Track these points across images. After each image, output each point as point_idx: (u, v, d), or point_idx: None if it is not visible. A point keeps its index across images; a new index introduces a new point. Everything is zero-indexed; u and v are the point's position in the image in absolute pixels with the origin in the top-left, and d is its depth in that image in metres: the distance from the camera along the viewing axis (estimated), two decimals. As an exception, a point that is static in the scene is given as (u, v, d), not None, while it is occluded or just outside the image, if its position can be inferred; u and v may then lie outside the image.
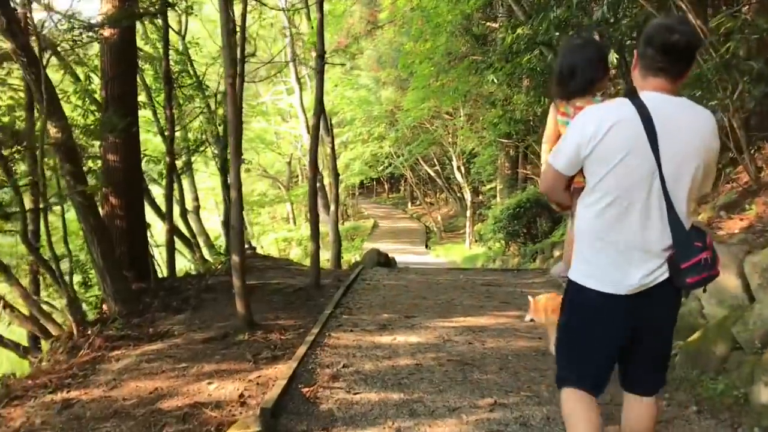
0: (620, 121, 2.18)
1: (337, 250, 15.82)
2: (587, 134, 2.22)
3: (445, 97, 14.90)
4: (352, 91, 22.43)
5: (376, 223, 38.26)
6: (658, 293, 2.30)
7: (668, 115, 2.19)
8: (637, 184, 2.21)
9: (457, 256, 24.30)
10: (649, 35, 2.23)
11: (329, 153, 16.43)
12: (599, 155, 2.22)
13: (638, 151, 2.17)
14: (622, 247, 2.27)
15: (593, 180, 2.29)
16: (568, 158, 2.32)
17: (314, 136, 7.91)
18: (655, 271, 2.26)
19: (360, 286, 8.15)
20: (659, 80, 2.23)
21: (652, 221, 2.23)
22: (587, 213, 2.35)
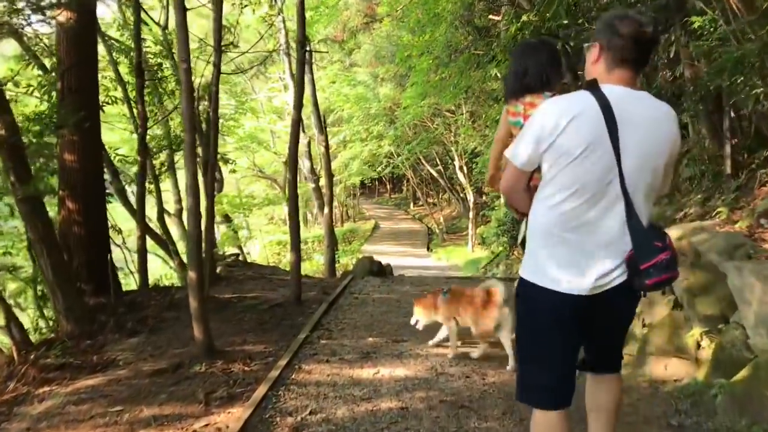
0: (581, 113, 2.09)
1: (331, 255, 14.96)
2: (547, 127, 2.12)
3: (446, 92, 13.99)
4: (349, 88, 21.52)
5: (377, 224, 37.43)
6: (615, 294, 2.20)
7: (630, 108, 2.12)
8: (595, 179, 2.11)
9: (459, 259, 23.42)
10: (615, 26, 2.16)
11: (323, 152, 15.58)
12: (559, 148, 2.12)
13: (598, 145, 2.08)
14: (577, 245, 2.17)
15: (551, 173, 2.18)
16: (527, 153, 2.20)
17: (294, 133, 7.04)
18: (612, 271, 2.17)
19: (346, 301, 7.27)
20: (625, 71, 2.18)
21: (609, 219, 2.15)
22: (541, 206, 2.25)
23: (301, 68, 6.96)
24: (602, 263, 2.17)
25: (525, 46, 3.04)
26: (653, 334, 4.91)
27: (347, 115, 22.98)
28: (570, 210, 2.17)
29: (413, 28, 13.99)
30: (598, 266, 2.17)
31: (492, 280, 5.03)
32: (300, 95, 7.00)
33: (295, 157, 7.07)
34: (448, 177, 31.09)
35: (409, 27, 13.97)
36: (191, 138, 4.88)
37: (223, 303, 6.89)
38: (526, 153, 2.22)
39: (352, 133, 23.46)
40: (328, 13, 15.57)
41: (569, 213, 2.17)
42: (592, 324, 2.32)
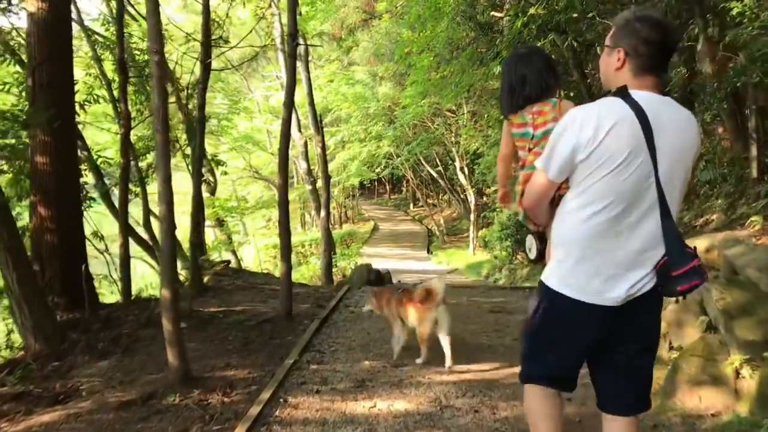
0: (620, 120, 2.05)
1: (328, 260, 14.43)
2: (585, 135, 2.06)
3: (447, 91, 13.41)
4: (347, 87, 20.93)
5: (377, 226, 36.86)
6: (641, 301, 2.16)
7: (660, 114, 2.09)
8: (633, 188, 2.08)
9: (460, 262, 22.86)
10: (640, 31, 2.12)
11: (319, 153, 15.04)
12: (598, 158, 2.06)
13: (639, 153, 2.05)
14: (611, 255, 2.13)
15: (585, 183, 2.13)
16: (561, 163, 2.14)
17: (284, 133, 6.48)
18: (642, 279, 2.14)
19: (341, 317, 6.71)
20: (652, 78, 2.15)
21: (645, 226, 2.11)
22: (571, 218, 2.18)
23: (291, 62, 6.40)
24: (633, 274, 2.12)
25: (516, 56, 2.87)
26: (684, 359, 4.36)
27: (345, 114, 22.39)
28: (603, 222, 2.11)
29: (413, 24, 13.41)
30: (629, 278, 2.12)
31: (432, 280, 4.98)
32: (291, 92, 6.44)
33: (285, 159, 6.52)
34: (449, 178, 30.53)
35: (409, 22, 13.38)
36: (164, 139, 4.33)
37: (207, 319, 6.33)
38: (559, 163, 2.14)
39: (351, 134, 22.85)
40: (324, 9, 14.98)
41: (604, 224, 2.11)
42: (613, 333, 2.23)
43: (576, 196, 2.17)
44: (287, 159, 6.56)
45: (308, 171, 16.96)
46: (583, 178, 2.12)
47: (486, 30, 12.40)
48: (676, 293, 2.13)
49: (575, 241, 2.18)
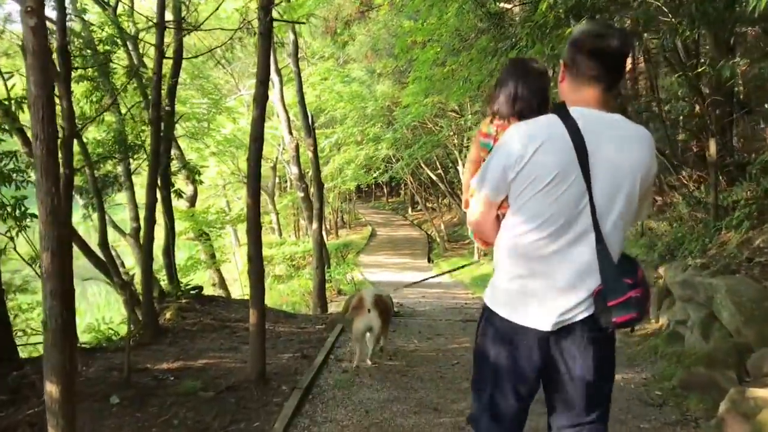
0: (549, 139, 1.96)
1: (321, 278, 12.85)
2: (514, 154, 1.99)
3: (454, 88, 11.83)
4: (342, 85, 19.30)
5: (374, 232, 35.33)
6: (580, 331, 2.02)
7: (601, 133, 1.97)
8: (564, 209, 1.98)
9: (463, 273, 21.23)
10: (576, 41, 2.03)
11: (311, 158, 13.47)
12: (525, 177, 1.98)
13: (568, 174, 1.94)
14: (542, 278, 2.03)
15: (516, 203, 2.05)
16: (494, 182, 2.07)
17: (255, 136, 4.89)
18: (576, 306, 2.01)
19: (330, 380, 5.08)
20: (592, 90, 2.02)
21: (578, 250, 2.00)
22: (506, 235, 2.11)
23: (264, 44, 4.80)
24: (567, 297, 2.01)
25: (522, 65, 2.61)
26: None
27: (341, 115, 20.76)
28: (536, 240, 2.01)
29: (416, 12, 11.80)
30: (561, 302, 2.01)
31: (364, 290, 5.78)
32: (263, 81, 4.84)
33: (256, 174, 4.93)
34: (449, 181, 29.05)
35: (412, 7, 11.70)
36: (46, 149, 2.75)
37: (151, 387, 4.74)
38: (492, 182, 2.09)
39: (346, 136, 21.21)
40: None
41: (535, 244, 2.02)
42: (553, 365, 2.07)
43: (511, 214, 2.09)
44: (258, 175, 4.97)
45: (300, 176, 15.41)
46: (515, 197, 2.05)
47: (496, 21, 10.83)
48: (612, 325, 1.98)
49: (508, 260, 2.09)
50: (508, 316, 2.07)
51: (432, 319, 8.50)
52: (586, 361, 2.07)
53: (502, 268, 2.13)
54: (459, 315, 9.73)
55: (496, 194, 2.09)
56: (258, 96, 4.84)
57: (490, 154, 2.15)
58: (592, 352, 2.07)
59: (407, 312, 10.35)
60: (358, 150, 21.70)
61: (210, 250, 13.00)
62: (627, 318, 1.96)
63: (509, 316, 2.07)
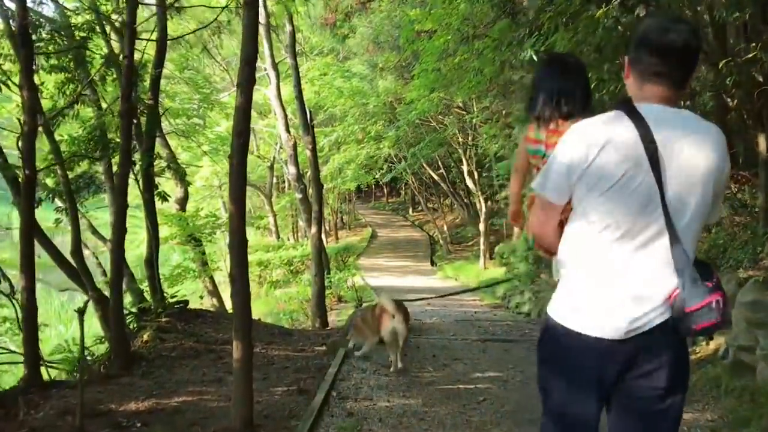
0: (615, 136, 1.87)
1: (320, 286, 11.92)
2: (578, 153, 1.89)
3: (465, 82, 10.87)
4: (343, 80, 18.32)
5: (374, 233, 34.40)
6: (652, 339, 1.89)
7: (671, 130, 1.87)
8: (634, 211, 1.87)
9: (470, 277, 20.35)
10: (640, 36, 1.96)
11: (310, 157, 12.55)
12: (592, 177, 1.88)
13: (637, 173, 1.85)
14: (613, 284, 1.91)
15: (581, 206, 1.95)
16: (558, 184, 1.96)
17: (238, 130, 3.98)
18: (651, 311, 1.88)
19: (331, 428, 4.17)
20: (658, 88, 1.91)
21: (650, 254, 1.89)
22: (572, 241, 2.01)
23: (250, 14, 3.87)
24: (641, 303, 1.88)
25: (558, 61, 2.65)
26: None
27: (340, 112, 19.78)
28: (605, 244, 1.90)
29: None
30: (635, 306, 1.88)
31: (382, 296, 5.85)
32: (249, 61, 3.91)
33: (240, 169, 4.02)
34: (451, 181, 28.15)
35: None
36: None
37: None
38: (555, 184, 1.97)
39: (347, 134, 20.23)
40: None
41: (604, 248, 1.91)
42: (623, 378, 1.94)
43: (576, 218, 1.98)
44: (243, 176, 4.06)
45: (298, 177, 14.50)
46: (580, 200, 1.95)
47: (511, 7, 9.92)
48: (691, 332, 1.87)
49: (575, 267, 1.99)
50: (576, 328, 1.94)
51: (445, 337, 7.58)
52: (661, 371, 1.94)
53: (567, 276, 2.02)
54: (473, 330, 8.82)
55: (560, 197, 1.98)
56: (243, 79, 3.92)
57: (552, 155, 2.03)
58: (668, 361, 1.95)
59: (415, 326, 9.44)
60: (359, 149, 20.73)
61: (201, 257, 12.03)
62: (708, 324, 1.85)
63: (578, 327, 1.94)
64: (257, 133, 20.99)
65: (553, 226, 2.06)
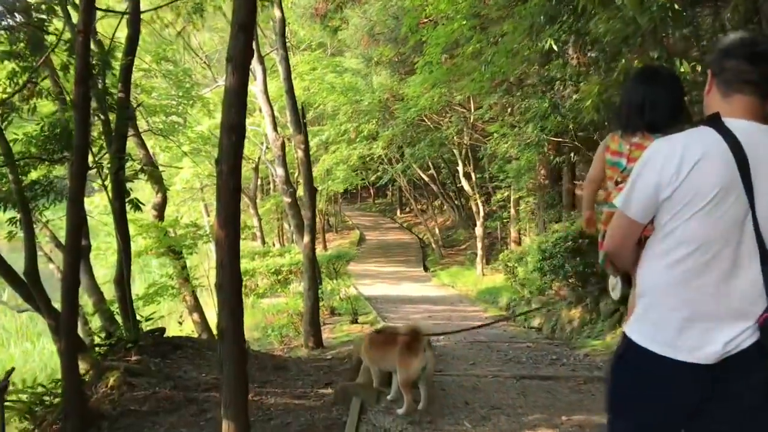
0: (708, 153, 1.80)
1: (314, 301, 10.73)
2: (669, 170, 1.82)
3: (477, 75, 9.71)
4: (334, 76, 17.12)
5: (363, 236, 33.22)
6: (739, 362, 1.82)
7: (759, 145, 1.81)
8: (726, 230, 1.81)
9: (467, 285, 19.28)
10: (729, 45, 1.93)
11: (301, 158, 11.36)
12: (682, 196, 1.82)
13: (731, 191, 1.79)
14: (702, 307, 1.85)
15: (671, 225, 1.87)
16: (644, 202, 1.91)
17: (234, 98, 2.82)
18: (741, 334, 1.81)
19: None
20: (747, 99, 1.85)
21: (741, 274, 1.83)
22: (656, 264, 1.92)
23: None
24: (730, 327, 1.82)
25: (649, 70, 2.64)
26: None
27: (332, 109, 18.55)
28: (693, 268, 1.84)
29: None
30: (725, 331, 1.82)
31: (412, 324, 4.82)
32: (244, 28, 2.76)
33: (231, 181, 2.88)
34: (441, 182, 27.11)
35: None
36: None
37: None
38: (641, 202, 1.92)
39: (337, 133, 18.99)
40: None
41: (692, 271, 1.84)
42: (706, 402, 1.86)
43: (661, 239, 1.91)
44: (237, 189, 2.93)
45: (286, 179, 13.37)
46: (668, 219, 1.88)
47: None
48: None
49: (661, 290, 1.91)
50: (661, 351, 1.87)
51: (470, 372, 6.44)
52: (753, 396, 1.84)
53: (653, 299, 1.93)
54: (494, 356, 7.73)
55: (645, 215, 1.93)
56: (237, 51, 2.76)
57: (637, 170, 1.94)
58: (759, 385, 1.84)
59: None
60: (351, 149, 19.51)
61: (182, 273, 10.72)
62: None
63: (663, 351, 1.87)
64: (242, 132, 19.75)
65: (631, 245, 2.02)
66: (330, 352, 10.50)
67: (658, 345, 1.88)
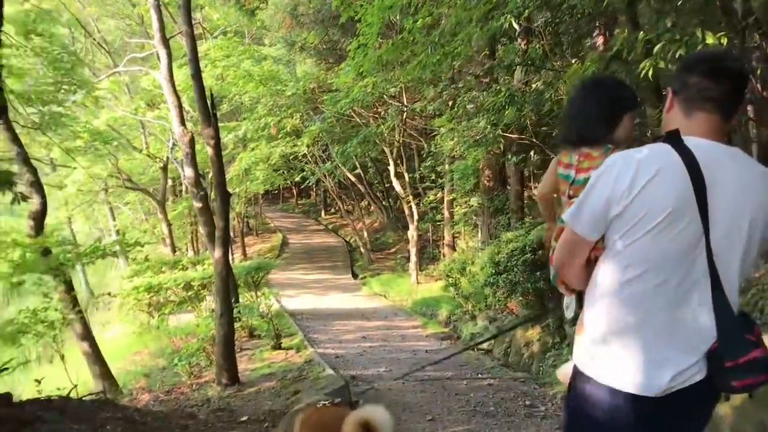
0: (662, 170, 1.71)
1: (228, 329, 8.84)
2: (622, 185, 1.72)
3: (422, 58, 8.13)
4: (252, 63, 15.15)
5: (285, 239, 31.21)
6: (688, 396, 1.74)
7: (719, 167, 1.74)
8: (677, 254, 1.72)
9: (401, 295, 17.76)
10: (692, 61, 1.92)
11: (212, 155, 9.43)
12: (634, 213, 1.72)
13: (684, 212, 1.70)
14: (649, 335, 1.75)
15: (620, 244, 1.77)
16: (593, 217, 1.79)
17: None
18: (690, 368, 1.73)
19: None
20: (708, 117, 1.78)
21: (691, 302, 1.74)
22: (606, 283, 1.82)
23: None
24: (679, 360, 1.73)
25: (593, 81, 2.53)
26: None
27: (249, 101, 16.56)
28: (640, 293, 1.76)
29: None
30: (673, 364, 1.73)
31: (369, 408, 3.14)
32: None
33: None
34: (368, 182, 25.64)
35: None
36: None
37: None
38: (590, 217, 1.81)
39: (256, 129, 17.00)
40: None
41: (640, 296, 1.76)
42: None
43: (610, 258, 1.82)
44: None
45: (196, 181, 11.34)
46: (617, 238, 1.77)
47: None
48: (732, 389, 1.73)
49: (608, 313, 1.81)
50: (607, 381, 1.78)
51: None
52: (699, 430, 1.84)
53: (599, 321, 1.84)
54: (456, 405, 6.18)
55: (593, 232, 1.82)
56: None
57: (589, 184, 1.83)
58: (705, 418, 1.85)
59: (368, 395, 6.69)
60: (272, 146, 17.56)
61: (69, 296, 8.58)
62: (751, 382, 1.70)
63: (609, 381, 1.78)
64: (147, 127, 17.43)
65: (580, 263, 1.92)
66: (248, 389, 8.74)
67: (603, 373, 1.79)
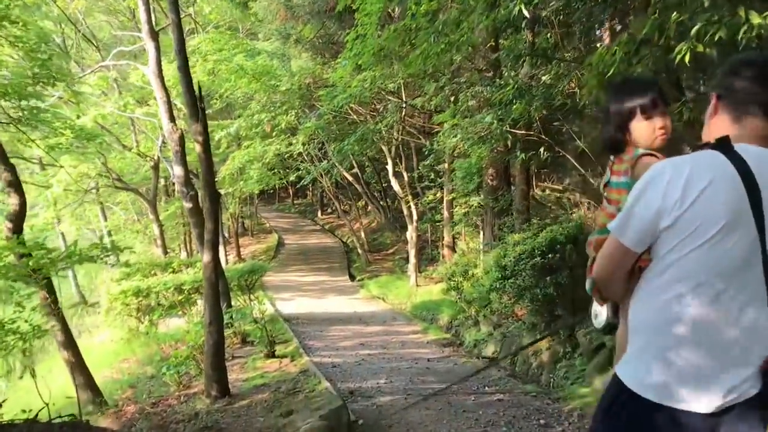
0: (716, 179, 1.64)
1: (217, 338, 8.26)
2: (673, 196, 1.66)
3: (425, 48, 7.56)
4: (245, 57, 14.57)
5: (281, 240, 30.61)
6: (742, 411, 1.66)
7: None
8: (731, 267, 1.65)
9: (400, 297, 17.20)
10: (737, 66, 1.77)
11: (200, 152, 8.84)
12: (686, 226, 1.65)
13: (739, 223, 1.63)
14: (702, 350, 1.67)
15: (669, 257, 1.70)
16: (641, 229, 1.73)
17: None
18: (744, 382, 1.65)
19: None
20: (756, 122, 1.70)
21: (746, 315, 1.65)
22: (653, 299, 1.75)
23: None
24: (735, 371, 1.65)
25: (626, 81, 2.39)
26: None
27: (242, 97, 15.96)
28: (694, 306, 1.67)
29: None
30: (729, 376, 1.65)
31: None
32: None
33: None
34: (365, 181, 25.11)
35: None
36: None
37: None
38: (638, 229, 1.74)
39: (250, 126, 16.41)
40: None
41: (694, 310, 1.67)
42: None
43: (659, 272, 1.73)
44: None
45: (186, 180, 10.79)
46: (668, 250, 1.70)
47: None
48: None
49: (657, 330, 1.73)
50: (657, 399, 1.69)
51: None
52: None
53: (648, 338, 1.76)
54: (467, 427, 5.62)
55: (641, 244, 1.75)
56: None
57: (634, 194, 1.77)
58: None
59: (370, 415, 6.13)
60: (266, 145, 16.98)
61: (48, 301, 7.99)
62: None
63: (659, 399, 1.68)
64: (137, 124, 16.84)
65: (623, 275, 1.86)
66: (239, 402, 8.18)
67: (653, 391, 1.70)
